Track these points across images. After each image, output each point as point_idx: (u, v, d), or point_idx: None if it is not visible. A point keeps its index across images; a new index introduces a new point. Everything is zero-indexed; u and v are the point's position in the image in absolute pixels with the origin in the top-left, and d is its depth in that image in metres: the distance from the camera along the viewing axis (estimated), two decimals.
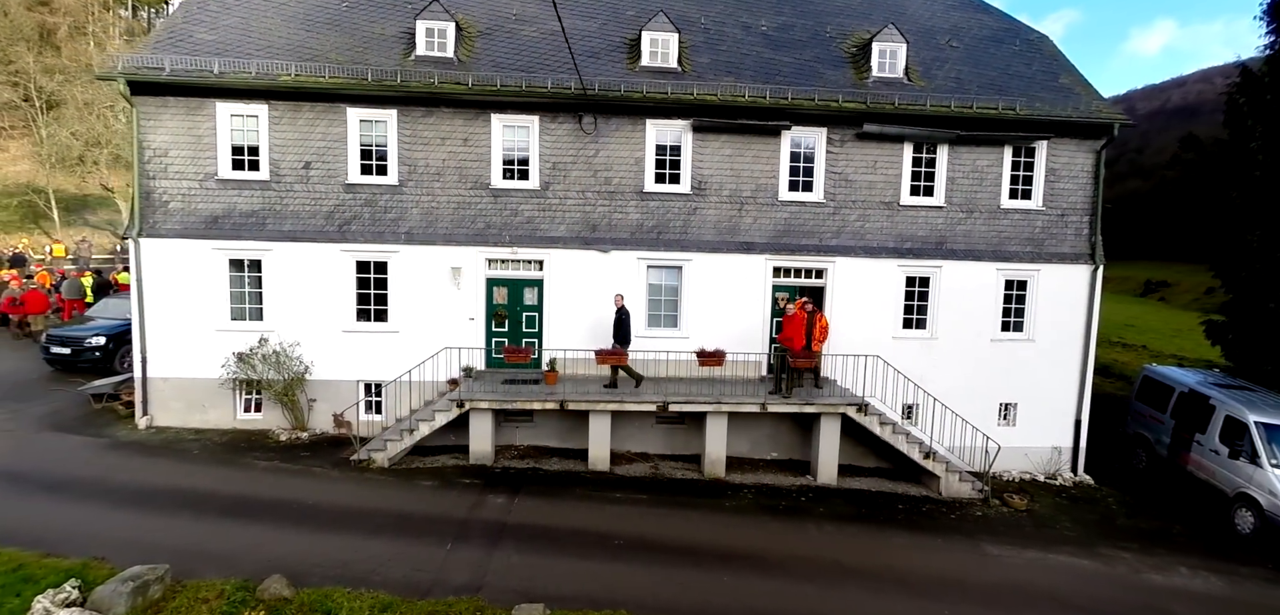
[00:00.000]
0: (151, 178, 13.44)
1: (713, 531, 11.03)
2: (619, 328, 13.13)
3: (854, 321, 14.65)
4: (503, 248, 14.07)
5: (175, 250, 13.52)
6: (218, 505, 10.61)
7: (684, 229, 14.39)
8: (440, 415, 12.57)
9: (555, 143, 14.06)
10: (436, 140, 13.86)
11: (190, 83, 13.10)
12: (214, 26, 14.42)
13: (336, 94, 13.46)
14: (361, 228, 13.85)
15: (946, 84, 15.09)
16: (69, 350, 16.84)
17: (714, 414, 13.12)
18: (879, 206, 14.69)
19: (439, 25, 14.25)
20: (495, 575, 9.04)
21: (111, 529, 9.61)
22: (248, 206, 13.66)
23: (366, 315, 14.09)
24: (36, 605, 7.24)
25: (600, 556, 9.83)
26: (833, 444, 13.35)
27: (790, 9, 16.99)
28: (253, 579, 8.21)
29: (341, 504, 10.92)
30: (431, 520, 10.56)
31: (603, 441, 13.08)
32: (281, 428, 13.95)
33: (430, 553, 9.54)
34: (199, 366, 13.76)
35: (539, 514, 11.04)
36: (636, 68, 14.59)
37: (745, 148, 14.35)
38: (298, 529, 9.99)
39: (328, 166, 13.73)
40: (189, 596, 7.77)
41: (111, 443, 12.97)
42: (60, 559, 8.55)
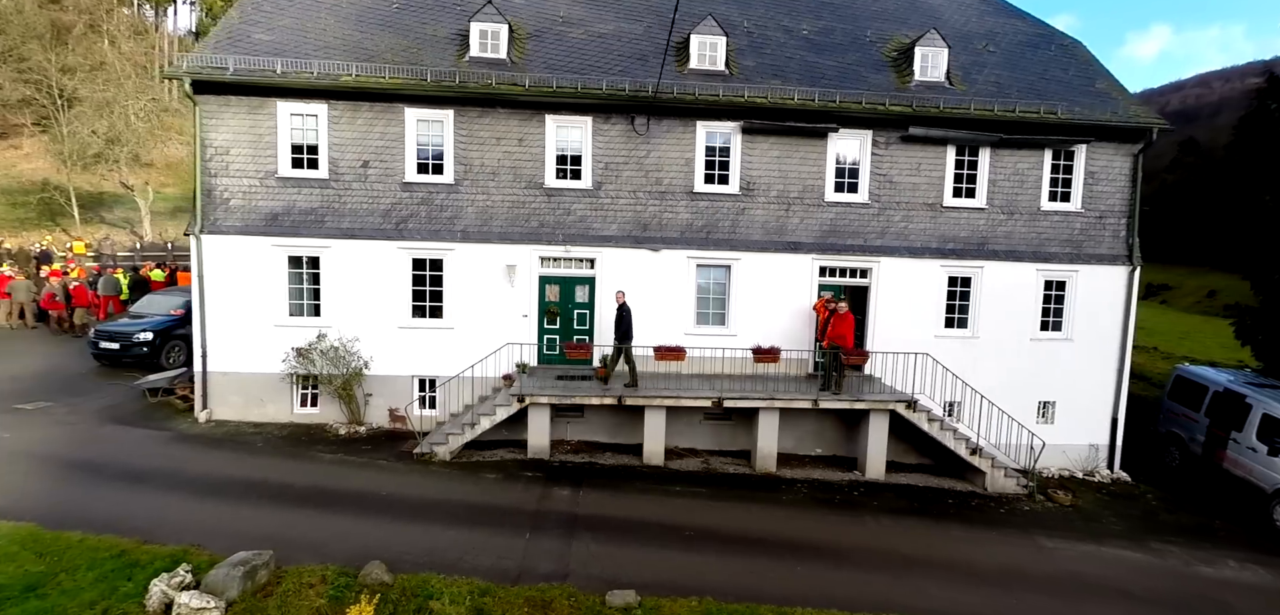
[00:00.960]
0: (213, 175, 13.67)
1: (776, 523, 11.30)
2: (620, 324, 13.31)
3: (897, 321, 14.95)
4: (556, 246, 14.33)
5: (236, 247, 13.75)
6: (294, 496, 10.84)
7: (732, 229, 14.67)
8: (501, 410, 12.82)
9: (608, 143, 14.32)
10: (492, 140, 14.11)
11: (253, 82, 13.34)
12: (270, 27, 14.66)
13: (395, 94, 13.71)
14: (418, 226, 14.10)
15: (987, 88, 15.40)
16: (118, 345, 17.04)
17: (766, 410, 13.40)
18: (922, 208, 14.99)
19: (492, 27, 14.50)
20: (578, 563, 9.30)
21: (196, 517, 9.84)
22: (307, 204, 13.90)
23: (422, 312, 14.33)
24: (154, 588, 7.48)
25: (674, 546, 10.10)
26: (881, 440, 13.63)
27: (829, 13, 17.29)
28: (347, 566, 8.47)
29: (413, 495, 11.17)
30: (504, 511, 10.82)
31: (658, 436, 13.35)
32: (338, 422, 14.18)
33: (510, 542, 9.79)
34: (258, 361, 13.99)
35: (605, 506, 11.30)
36: (686, 70, 14.87)
37: (793, 149, 14.63)
38: (377, 519, 10.23)
39: (385, 165, 13.98)
40: (294, 581, 8.02)
41: (176, 435, 13.19)
42: (157, 545, 8.80)
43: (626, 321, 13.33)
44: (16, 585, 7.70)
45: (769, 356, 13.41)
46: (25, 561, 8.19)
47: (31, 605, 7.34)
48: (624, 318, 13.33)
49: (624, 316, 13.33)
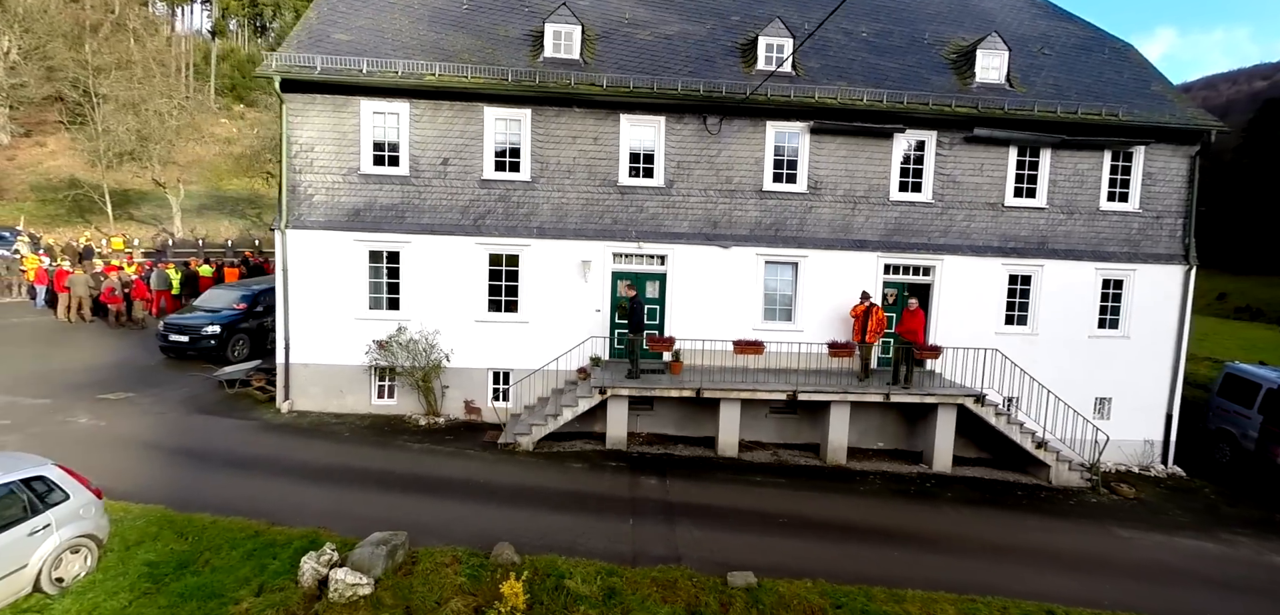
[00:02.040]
0: (298, 172, 14.01)
1: (861, 512, 11.63)
2: (632, 317, 13.59)
3: (959, 318, 15.26)
4: (629, 243, 14.66)
5: (319, 241, 14.10)
6: (397, 482, 11.19)
7: (800, 226, 14.99)
8: (584, 401, 13.15)
9: (680, 142, 14.65)
10: (567, 138, 14.44)
11: (338, 81, 13.68)
12: (348, 27, 15.00)
13: (475, 93, 14.04)
14: (495, 222, 14.43)
15: (1046, 90, 15.71)
16: (187, 338, 17.39)
17: (838, 404, 13.72)
18: (984, 207, 15.30)
19: (566, 28, 14.84)
20: (685, 547, 9.63)
21: (311, 502, 10.19)
22: (388, 200, 14.24)
23: (497, 306, 14.67)
24: (304, 565, 7.82)
25: (771, 532, 10.43)
26: (949, 433, 13.95)
27: (886, 17, 17.61)
28: (471, 547, 8.81)
29: (510, 482, 11.51)
30: (601, 498, 11.16)
31: (732, 429, 13.67)
32: (415, 413, 14.52)
33: (616, 527, 10.13)
34: (338, 353, 14.34)
35: (694, 495, 11.63)
36: (753, 71, 15.19)
37: (859, 149, 14.95)
38: (481, 504, 10.57)
39: (464, 163, 14.31)
40: (430, 561, 8.35)
41: (263, 425, 13.54)
42: (285, 528, 9.15)
43: (638, 314, 13.63)
44: (170, 562, 8.04)
45: (844, 351, 13.74)
46: (168, 540, 8.54)
47: (190, 581, 7.68)
48: (636, 311, 13.62)
49: (635, 310, 13.62)
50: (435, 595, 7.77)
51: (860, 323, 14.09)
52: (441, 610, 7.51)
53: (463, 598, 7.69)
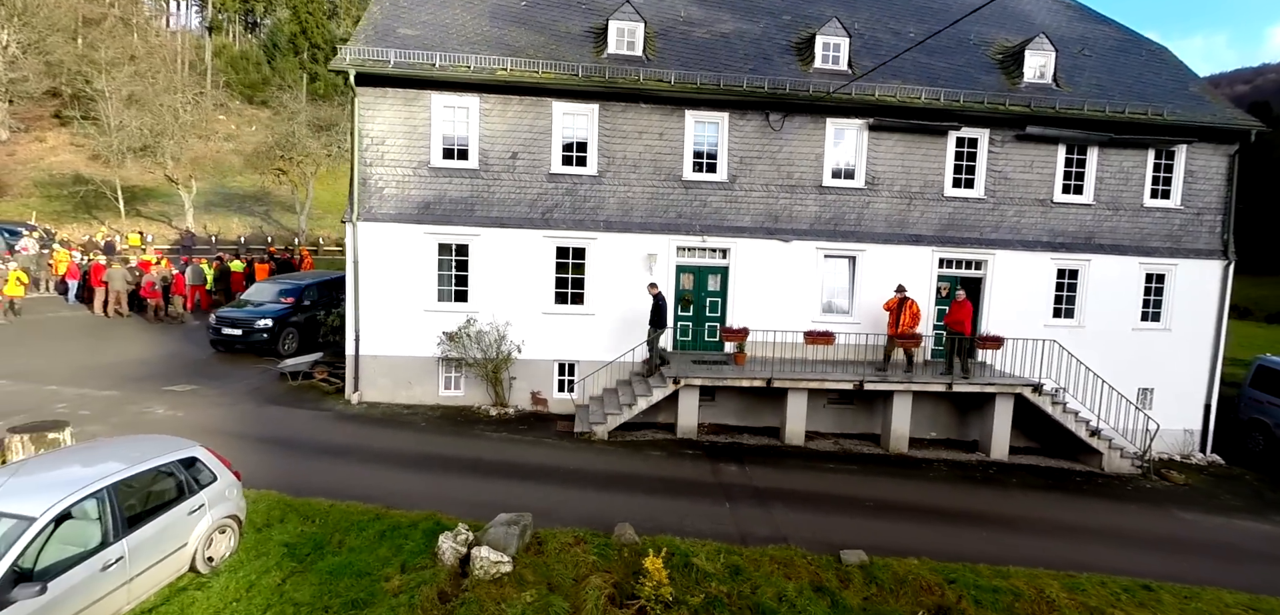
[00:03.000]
0: (368, 165, 14.14)
1: (936, 496, 12.00)
2: (656, 313, 13.80)
3: (1009, 310, 15.68)
4: (692, 236, 14.93)
5: (389, 234, 14.24)
6: (487, 469, 11.40)
7: (857, 221, 15.35)
8: (658, 391, 13.41)
9: (743, 138, 14.95)
10: (634, 134, 14.69)
11: (411, 75, 13.83)
12: (412, 22, 15.15)
13: (545, 88, 14.24)
14: (562, 215, 14.65)
15: (1090, 90, 16.19)
16: (240, 332, 17.43)
17: (901, 394, 14.08)
18: (1034, 203, 15.75)
19: (629, 25, 15.09)
20: (787, 528, 9.93)
21: (416, 487, 10.37)
22: (457, 193, 14.40)
23: (564, 299, 14.88)
24: (443, 544, 8.02)
25: (859, 514, 10.78)
26: (1006, 422, 14.36)
27: (930, 17, 18.02)
28: (588, 528, 9.04)
29: (598, 468, 11.75)
30: (688, 484, 11.43)
31: (800, 418, 14.00)
32: (481, 404, 14.69)
33: (715, 509, 10.41)
34: (407, 345, 14.48)
35: (776, 480, 11.93)
36: (810, 69, 15.53)
37: (915, 146, 15.34)
38: (578, 489, 10.80)
39: (532, 157, 14.51)
40: (557, 541, 8.58)
41: (338, 415, 13.67)
42: (402, 511, 9.33)
43: (662, 310, 13.81)
44: (304, 543, 8.20)
45: (912, 341, 14.11)
46: (294, 523, 8.69)
47: (333, 560, 7.85)
48: (660, 307, 13.77)
49: (659, 306, 13.78)
50: (572, 572, 7.99)
51: (894, 316, 14.43)
52: (584, 585, 7.73)
53: (601, 575, 7.91)
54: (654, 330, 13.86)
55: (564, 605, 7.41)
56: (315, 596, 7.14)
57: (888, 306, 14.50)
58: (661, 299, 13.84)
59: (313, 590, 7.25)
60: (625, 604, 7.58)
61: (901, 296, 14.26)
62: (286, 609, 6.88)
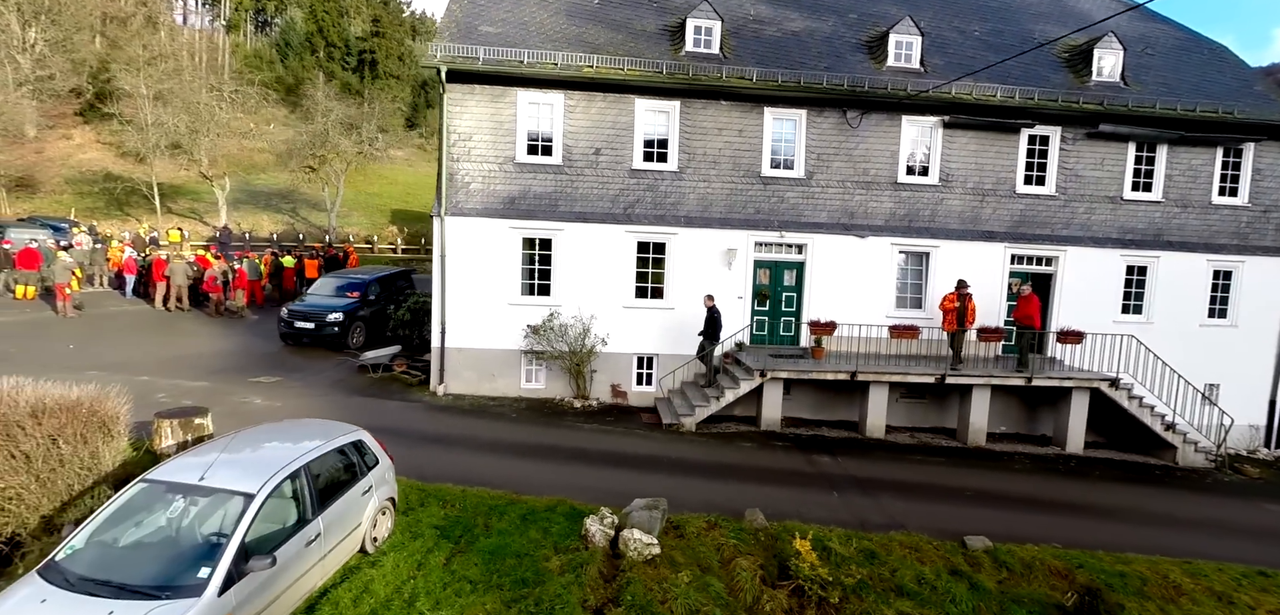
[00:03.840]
0: (456, 160, 14.36)
1: (1027, 487, 12.22)
2: (711, 326, 13.97)
3: (1079, 307, 15.86)
4: (771, 232, 15.14)
5: (475, 228, 14.46)
6: (591, 457, 11.62)
7: (931, 218, 15.55)
8: (745, 383, 13.62)
9: (820, 135, 15.15)
10: (713, 130, 14.90)
11: (499, 72, 14.04)
12: (493, 20, 15.37)
13: (628, 85, 14.45)
14: (644, 211, 14.86)
15: (1157, 88, 16.37)
16: (313, 326, 17.67)
17: (980, 387, 14.28)
18: (1103, 201, 15.94)
19: (707, 23, 15.29)
20: (900, 516, 10.13)
21: (526, 474, 10.56)
22: (541, 189, 14.62)
23: (644, 293, 15.10)
24: (592, 527, 8.23)
25: (964, 503, 10.99)
26: (1082, 416, 14.54)
27: (993, 17, 18.23)
28: (721, 514, 9.25)
29: (698, 458, 11.97)
30: (790, 473, 11.65)
31: (881, 412, 14.20)
32: (562, 396, 14.92)
33: (825, 498, 10.62)
34: (491, 338, 14.71)
35: (871, 470, 12.15)
36: (883, 67, 15.72)
37: (989, 144, 15.53)
38: (685, 477, 11.01)
39: (615, 153, 14.73)
40: (694, 526, 8.79)
41: (429, 406, 13.90)
42: (532, 497, 9.53)
43: (717, 323, 13.90)
44: (453, 526, 8.42)
45: (995, 336, 14.32)
46: (435, 507, 8.90)
47: (489, 542, 8.06)
48: (714, 319, 13.88)
49: (714, 318, 13.89)
50: (715, 555, 8.21)
51: (955, 312, 14.56)
52: (733, 567, 7.95)
53: (747, 557, 8.13)
54: (708, 343, 13.95)
55: (719, 585, 7.63)
56: (483, 575, 7.35)
57: (945, 304, 14.56)
58: (716, 312, 13.92)
59: (479, 569, 7.46)
60: (777, 585, 7.80)
61: (961, 292, 14.40)
62: (462, 586, 7.09)
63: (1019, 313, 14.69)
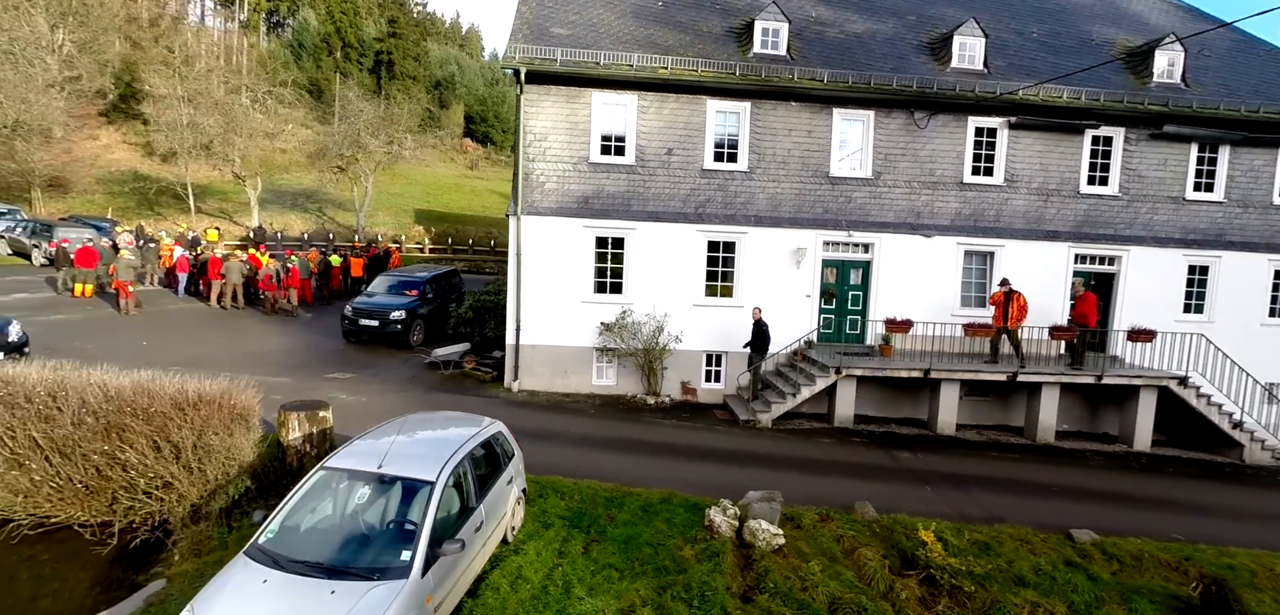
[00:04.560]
0: (531, 160, 14.58)
1: (1107, 482, 12.39)
2: (759, 338, 14.08)
3: (1141, 306, 15.98)
4: (839, 231, 15.32)
5: (549, 227, 14.67)
6: (681, 451, 11.83)
7: (996, 218, 15.71)
8: (821, 380, 13.79)
9: (887, 136, 15.33)
10: (783, 131, 15.09)
11: (574, 73, 14.25)
12: (562, 22, 15.58)
13: (701, 86, 14.66)
14: (715, 210, 15.06)
15: (1217, 90, 16.49)
16: (377, 323, 17.90)
17: (1049, 385, 14.43)
18: (1166, 201, 16.08)
19: (774, 25, 15.49)
20: (999, 510, 10.30)
21: (621, 467, 10.75)
22: (614, 188, 14.83)
23: (713, 291, 15.30)
24: (716, 518, 8.43)
25: (1056, 498, 11.17)
26: (1150, 414, 14.66)
27: (1049, 18, 18.37)
28: (832, 507, 9.44)
29: (784, 453, 12.16)
30: (876, 468, 11.84)
31: (951, 409, 14.36)
32: (635, 393, 15.11)
33: (918, 492, 10.80)
34: (564, 335, 14.92)
35: (954, 466, 12.33)
36: (947, 69, 15.89)
37: (1053, 145, 15.69)
38: (775, 471, 11.19)
39: (687, 153, 14.93)
40: (809, 518, 8.98)
41: (506, 402, 14.11)
42: (642, 489, 9.74)
43: (765, 335, 13.98)
44: (578, 517, 8.63)
45: (1067, 333, 14.46)
46: (554, 499, 9.12)
47: (620, 532, 8.26)
48: (762, 332, 13.97)
49: (762, 330, 13.98)
50: (837, 546, 8.40)
51: (1001, 309, 14.72)
52: (857, 556, 8.14)
53: (868, 548, 8.32)
54: (756, 355, 14.04)
55: (850, 574, 7.82)
56: (624, 563, 7.56)
57: (994, 300, 14.72)
58: (764, 325, 14.02)
59: (619, 557, 7.67)
60: (903, 574, 7.99)
61: (1007, 290, 14.52)
62: (609, 574, 7.30)
63: (1076, 312, 14.84)
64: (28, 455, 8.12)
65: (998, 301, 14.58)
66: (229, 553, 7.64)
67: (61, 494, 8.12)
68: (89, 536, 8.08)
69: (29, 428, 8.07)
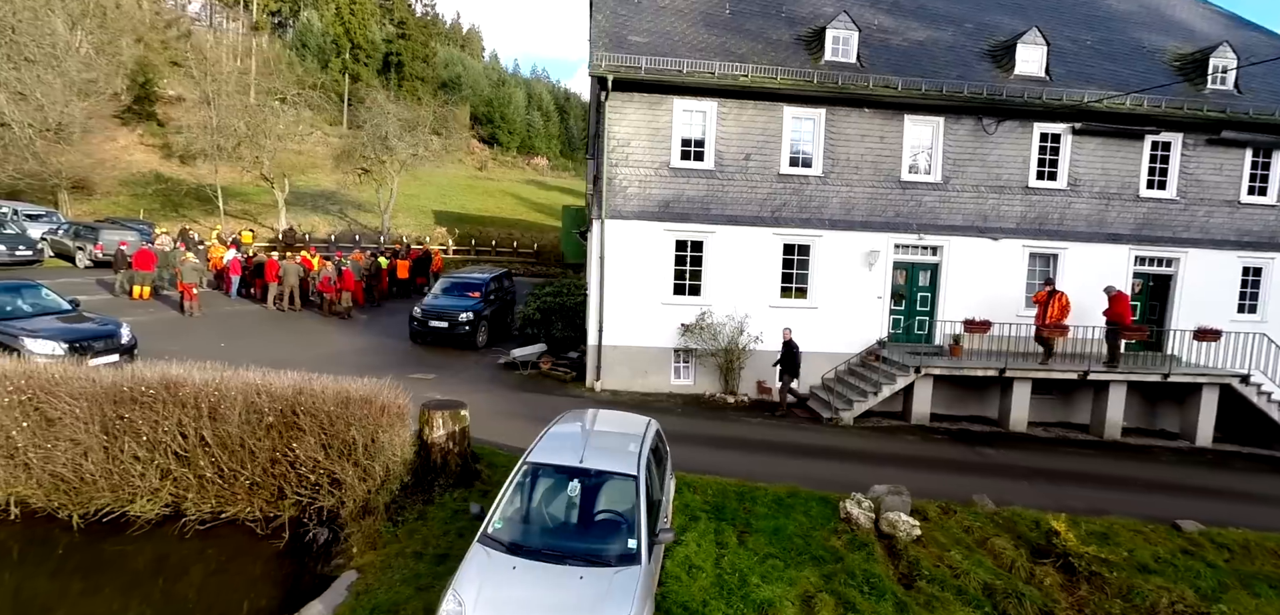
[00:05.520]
0: (614, 165, 14.95)
1: (1182, 476, 12.79)
2: (788, 358, 14.32)
3: (1199, 306, 16.48)
4: (909, 235, 15.75)
5: (632, 231, 15.06)
6: (777, 448, 12.23)
7: (1060, 221, 16.18)
8: (901, 378, 14.22)
9: (956, 142, 15.77)
10: (856, 136, 15.51)
11: (658, 80, 14.64)
12: (638, 30, 15.97)
13: (778, 93, 15.07)
14: (790, 214, 15.47)
15: (1266, 95, 17.01)
16: (446, 324, 18.25)
17: (1117, 383, 14.90)
18: (1221, 204, 16.59)
19: (845, 34, 15.91)
20: (1099, 504, 10.69)
21: (725, 462, 11.08)
22: (694, 193, 15.22)
23: (788, 292, 15.71)
24: (854, 511, 8.83)
25: (1140, 491, 11.61)
26: (1211, 411, 15.15)
27: (1101, 26, 18.87)
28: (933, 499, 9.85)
29: (874, 449, 12.60)
30: (965, 464, 12.30)
31: (1023, 406, 14.81)
32: (712, 391, 15.49)
33: (1016, 486, 11.21)
34: (644, 335, 15.31)
35: (1038, 461, 12.77)
36: (1011, 76, 16.34)
37: (1115, 150, 16.17)
38: (870, 466, 11.49)
39: (764, 159, 15.33)
40: (932, 510, 9.38)
41: (594, 400, 14.47)
42: (765, 483, 10.10)
43: (795, 355, 14.19)
44: (723, 511, 8.99)
45: (1139, 332, 14.94)
46: (688, 494, 9.47)
47: (766, 525, 8.64)
48: (791, 352, 14.19)
49: (791, 351, 14.20)
50: (969, 536, 8.81)
51: (1043, 308, 15.19)
52: (990, 545, 8.55)
53: (998, 538, 8.73)
54: (786, 374, 14.25)
55: (990, 562, 8.23)
56: (783, 553, 7.95)
57: (1037, 299, 15.14)
58: (794, 345, 14.20)
59: (772, 546, 8.06)
60: (1038, 562, 8.40)
61: (1050, 290, 14.95)
62: (774, 563, 7.68)
63: (1110, 312, 15.23)
64: (196, 453, 8.45)
65: (1041, 301, 15.00)
66: (401, 544, 8.03)
67: (232, 490, 8.45)
68: (260, 532, 8.41)
69: (199, 427, 8.40)
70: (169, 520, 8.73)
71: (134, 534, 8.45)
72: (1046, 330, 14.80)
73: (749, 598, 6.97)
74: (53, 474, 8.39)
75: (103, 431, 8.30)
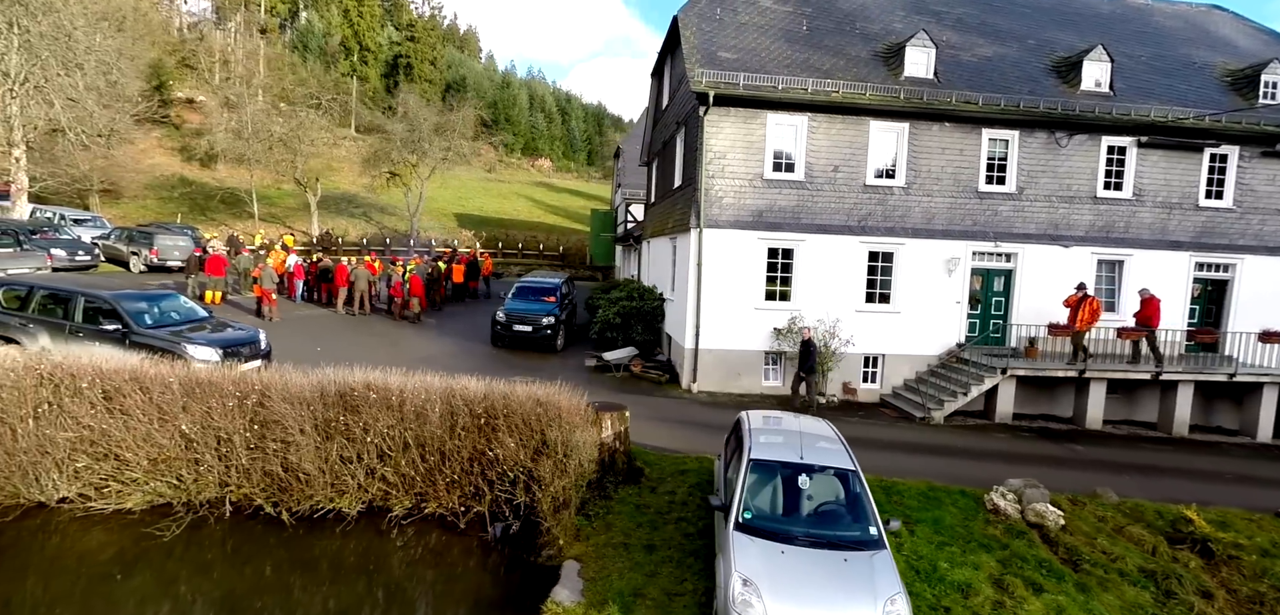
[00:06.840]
0: (712, 177, 15.64)
1: (1261, 470, 13.67)
2: (805, 357, 14.94)
3: (1255, 310, 17.39)
4: (986, 243, 16.56)
5: (727, 239, 15.75)
6: (883, 445, 12.95)
7: (1125, 229, 17.04)
8: (989, 379, 15.02)
9: (1029, 154, 16.60)
10: (936, 149, 16.29)
11: (753, 96, 15.35)
12: (726, 47, 16.67)
13: (867, 108, 15.81)
14: (875, 223, 16.22)
15: None
16: (530, 328, 18.85)
17: (1185, 383, 15.78)
18: (1274, 213, 17.52)
19: (925, 52, 16.69)
20: (1205, 496, 11.49)
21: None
22: (785, 203, 15.94)
23: (872, 298, 16.46)
24: (1000, 502, 9.58)
25: (1239, 485, 12.44)
26: (1271, 408, 16.08)
27: (1151, 42, 19.79)
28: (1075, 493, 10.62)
29: (972, 447, 13.40)
30: (1066, 460, 13.11)
31: (1099, 405, 15.66)
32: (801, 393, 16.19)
33: (1120, 479, 11.98)
34: (738, 340, 16.00)
35: (1128, 457, 13.60)
36: (1077, 91, 17.20)
37: (1176, 162, 17.06)
38: (981, 462, 12.34)
39: (851, 170, 16.08)
40: (1063, 501, 10.15)
41: (694, 401, 15.20)
42: (895, 478, 10.84)
43: (811, 356, 14.77)
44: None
45: (1206, 335, 15.80)
46: None
47: (920, 517, 9.37)
48: (809, 352, 14.74)
49: (809, 351, 14.75)
50: (1106, 526, 9.58)
51: (1074, 311, 15.99)
52: (1128, 532, 9.33)
53: (1136, 527, 9.51)
54: (805, 373, 14.80)
55: (1132, 547, 9.00)
56: (951, 539, 8.67)
57: (1068, 302, 15.75)
58: (813, 345, 14.79)
59: (939, 535, 8.78)
60: (1175, 547, 9.19)
61: (1082, 294, 15.69)
62: (953, 552, 8.40)
63: (1141, 314, 16.02)
64: (398, 454, 9.06)
65: (1072, 304, 15.60)
66: (601, 537, 8.68)
67: (433, 487, 9.06)
68: (460, 526, 9.04)
69: (403, 430, 9.01)
70: (366, 516, 9.36)
71: (342, 530, 9.05)
72: (1070, 331, 15.48)
73: (946, 580, 7.70)
74: (266, 472, 8.96)
75: (317, 432, 8.88)
